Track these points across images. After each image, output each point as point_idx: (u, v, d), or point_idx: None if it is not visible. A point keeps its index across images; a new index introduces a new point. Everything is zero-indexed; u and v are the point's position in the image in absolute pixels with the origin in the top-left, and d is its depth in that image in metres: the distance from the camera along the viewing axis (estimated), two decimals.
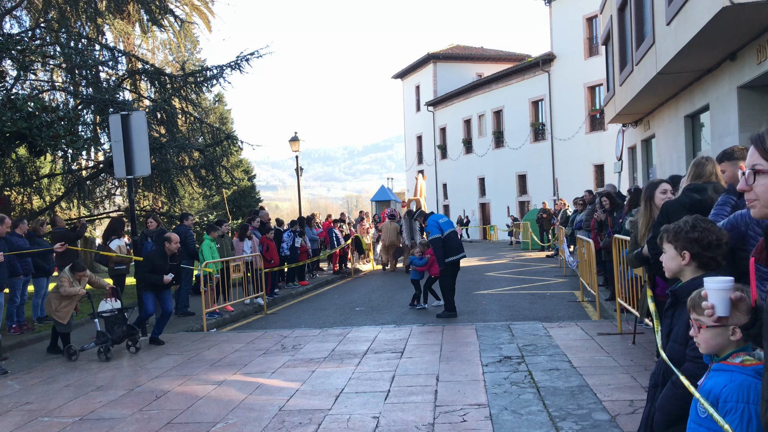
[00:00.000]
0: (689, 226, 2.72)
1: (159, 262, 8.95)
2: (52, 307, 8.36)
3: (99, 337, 8.29)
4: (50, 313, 8.42)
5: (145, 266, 9.00)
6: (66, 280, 8.34)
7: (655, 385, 2.81)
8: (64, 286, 8.29)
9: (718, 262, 2.72)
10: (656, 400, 2.72)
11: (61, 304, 8.36)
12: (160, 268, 8.92)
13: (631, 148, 20.56)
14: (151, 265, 8.93)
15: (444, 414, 5.17)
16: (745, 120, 10.49)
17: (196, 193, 27.16)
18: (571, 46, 31.89)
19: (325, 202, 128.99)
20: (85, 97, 13.85)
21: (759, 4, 7.87)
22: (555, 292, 12.72)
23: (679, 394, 2.60)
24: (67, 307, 8.41)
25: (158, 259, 8.98)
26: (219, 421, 5.33)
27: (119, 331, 8.36)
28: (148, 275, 8.89)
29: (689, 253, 2.72)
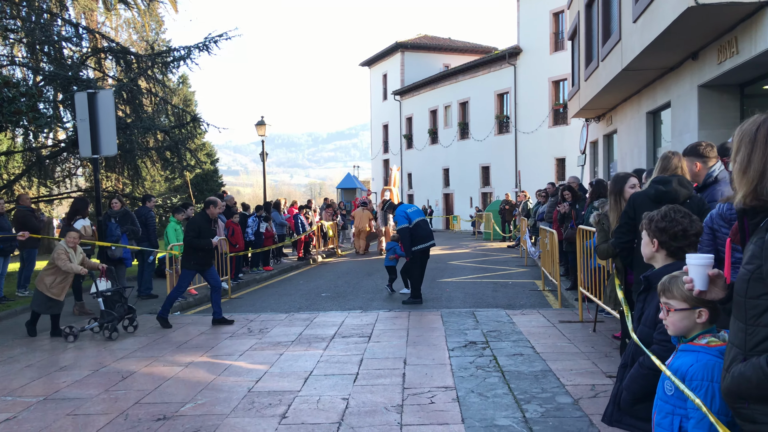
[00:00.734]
0: (660, 216, 2.86)
1: (205, 226, 8.77)
2: (45, 284, 8.01)
3: (103, 316, 8.12)
4: (43, 290, 8.02)
5: (191, 231, 8.76)
6: (63, 254, 8.04)
7: (624, 365, 2.94)
8: (62, 260, 7.97)
9: (687, 252, 2.85)
10: (624, 380, 2.85)
11: (55, 280, 8.05)
12: (207, 231, 8.77)
13: (593, 143, 20.97)
14: (197, 229, 8.72)
15: (412, 396, 5.27)
16: (705, 118, 10.83)
17: (158, 176, 26.75)
18: (537, 41, 32.27)
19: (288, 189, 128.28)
20: (48, 74, 13.49)
21: (722, 6, 8.13)
22: (517, 281, 12.97)
23: (644, 374, 2.73)
24: (62, 284, 8.14)
25: (203, 223, 8.80)
26: (188, 402, 5.33)
27: (121, 310, 8.22)
28: (195, 240, 8.69)
29: (657, 241, 2.87)
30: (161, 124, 16.14)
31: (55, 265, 8.04)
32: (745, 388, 1.90)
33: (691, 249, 2.81)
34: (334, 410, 4.98)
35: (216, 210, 9.00)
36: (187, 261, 8.89)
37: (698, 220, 2.91)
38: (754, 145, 1.95)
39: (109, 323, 8.04)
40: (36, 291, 8.16)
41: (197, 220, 8.92)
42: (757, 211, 1.94)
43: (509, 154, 34.91)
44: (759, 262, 1.88)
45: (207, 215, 8.95)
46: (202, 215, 9.03)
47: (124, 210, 10.95)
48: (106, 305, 8.18)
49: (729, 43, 9.25)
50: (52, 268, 8.09)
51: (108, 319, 8.07)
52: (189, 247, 8.82)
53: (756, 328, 1.90)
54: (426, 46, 45.17)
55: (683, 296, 2.40)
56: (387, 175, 47.67)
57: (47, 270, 8.12)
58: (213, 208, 8.96)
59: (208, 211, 8.96)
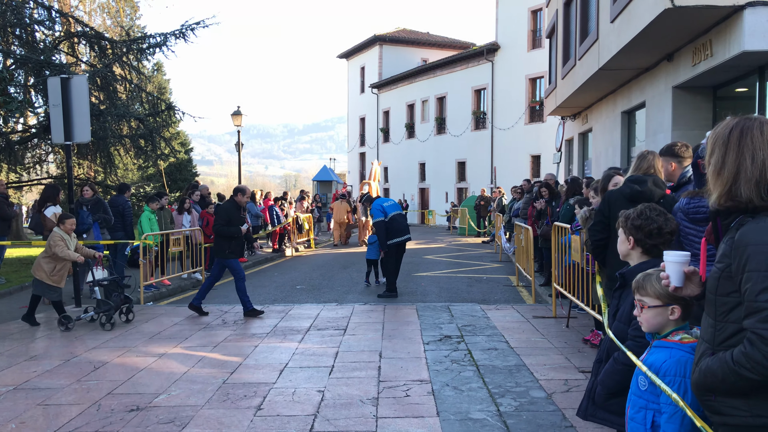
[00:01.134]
0: (636, 214, 2.92)
1: (234, 213, 8.64)
2: (45, 272, 7.84)
3: (99, 305, 7.98)
4: (42, 278, 7.86)
5: (220, 219, 8.62)
6: (60, 241, 7.86)
7: (599, 360, 2.99)
8: (60, 247, 7.80)
9: (662, 250, 2.90)
10: (599, 375, 2.90)
11: (55, 267, 7.89)
12: (236, 219, 8.64)
13: (568, 141, 21.19)
14: (226, 217, 8.59)
15: (388, 389, 5.30)
16: (678, 119, 11.02)
17: (132, 164, 26.37)
18: (515, 38, 32.44)
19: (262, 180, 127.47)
20: (19, 57, 13.19)
21: (698, 8, 8.26)
22: (491, 276, 13.07)
23: (619, 370, 2.78)
24: (62, 270, 7.98)
25: (233, 210, 8.66)
26: (162, 393, 5.29)
27: (118, 299, 8.08)
28: (225, 228, 8.54)
29: (633, 239, 2.92)
30: (135, 112, 15.90)
31: (52, 252, 7.88)
32: (711, 381, 1.96)
33: (666, 247, 2.87)
34: (310, 402, 4.98)
35: (244, 198, 8.88)
36: (220, 250, 8.68)
37: (673, 219, 2.96)
38: (727, 148, 2.01)
39: (105, 312, 7.91)
40: (35, 279, 8.01)
41: (226, 208, 8.77)
42: (730, 211, 2.00)
43: (485, 149, 35.09)
44: (729, 260, 1.94)
45: (236, 202, 8.82)
46: (230, 203, 8.86)
47: (96, 198, 10.78)
48: (104, 294, 8.03)
49: (704, 45, 9.41)
50: (49, 255, 7.92)
51: (104, 309, 7.94)
52: (220, 236, 8.67)
53: (725, 324, 1.97)
54: (404, 39, 45.13)
55: (656, 293, 2.45)
56: (363, 168, 47.70)
57: (44, 258, 7.95)
58: (241, 196, 8.83)
59: (236, 198, 8.83)
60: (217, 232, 8.69)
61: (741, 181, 1.96)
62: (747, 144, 1.98)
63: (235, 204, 8.82)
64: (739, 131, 2.01)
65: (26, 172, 17.30)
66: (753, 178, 1.94)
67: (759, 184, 1.93)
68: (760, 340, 1.80)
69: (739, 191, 1.96)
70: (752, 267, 1.86)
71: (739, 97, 10.66)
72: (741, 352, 1.86)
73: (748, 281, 1.86)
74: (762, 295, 1.82)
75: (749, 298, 1.85)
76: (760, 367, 1.81)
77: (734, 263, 1.92)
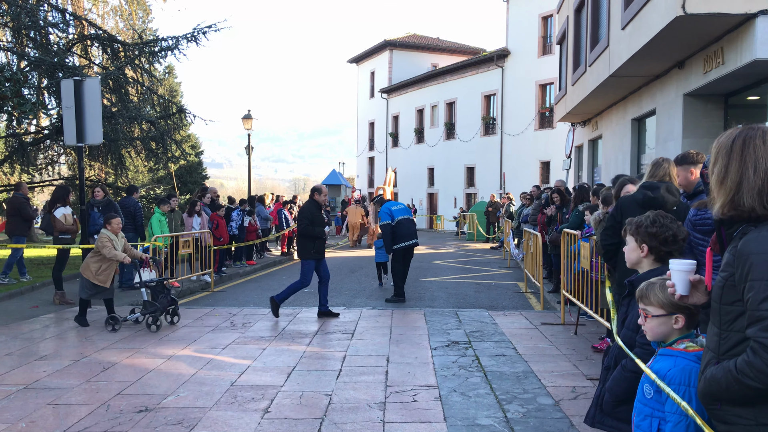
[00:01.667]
0: (649, 221, 2.91)
1: (317, 213, 8.67)
2: (92, 271, 7.93)
3: (146, 306, 8.03)
4: (89, 278, 7.95)
5: (304, 219, 8.65)
6: (107, 241, 7.95)
7: (607, 367, 2.99)
8: (107, 248, 7.88)
9: (674, 257, 2.90)
10: (607, 382, 2.90)
11: (101, 267, 7.98)
12: (320, 219, 8.68)
13: (578, 147, 21.15)
14: (310, 217, 8.62)
15: (395, 394, 5.31)
16: (689, 126, 10.98)
17: (142, 166, 26.53)
18: (525, 44, 32.43)
19: (272, 183, 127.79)
20: (33, 59, 13.32)
21: (710, 16, 8.25)
22: (499, 282, 13.05)
23: (627, 377, 2.79)
24: (108, 270, 8.05)
25: (315, 210, 8.69)
26: (170, 394, 5.32)
27: (164, 301, 8.11)
28: (310, 228, 8.57)
29: (647, 246, 2.92)
30: (147, 114, 16.02)
31: (100, 252, 7.96)
32: (716, 390, 1.97)
33: (678, 254, 2.87)
34: (317, 406, 5.00)
35: (321, 197, 8.88)
36: (305, 251, 8.71)
37: (683, 226, 2.97)
38: (730, 157, 2.03)
39: (152, 314, 7.96)
40: (82, 278, 8.08)
41: (309, 208, 8.77)
42: (733, 220, 2.01)
43: (494, 155, 35.06)
44: (732, 270, 1.95)
45: (316, 202, 8.83)
46: (311, 202, 8.87)
47: (107, 199, 10.88)
48: (150, 295, 8.07)
49: (715, 53, 9.38)
50: (97, 255, 8.00)
51: (151, 310, 7.98)
52: (304, 237, 8.69)
53: (729, 333, 1.98)
54: (414, 45, 45.21)
55: (660, 302, 2.45)
56: (372, 172, 47.78)
57: (92, 257, 8.03)
58: (318, 195, 8.85)
59: (315, 198, 8.85)
60: (302, 233, 8.69)
61: (744, 191, 1.97)
62: (750, 153, 1.99)
63: (316, 203, 8.83)
64: (741, 141, 2.02)
65: (38, 173, 17.45)
66: (755, 187, 1.95)
67: (761, 193, 1.94)
68: (763, 349, 1.81)
69: (742, 200, 1.97)
70: (755, 276, 1.86)
71: (750, 105, 10.62)
72: (744, 360, 1.87)
73: (750, 290, 1.87)
74: (764, 303, 1.82)
75: (752, 306, 1.86)
76: (762, 375, 1.82)
77: (737, 272, 1.93)
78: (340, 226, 30.08)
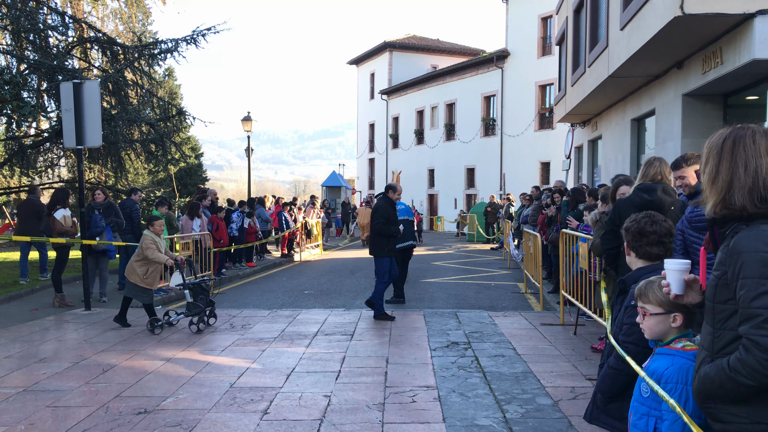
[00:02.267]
0: (633, 221, 2.96)
1: (391, 212, 8.70)
2: (138, 274, 7.95)
3: (190, 308, 8.03)
4: (135, 281, 7.97)
5: (379, 218, 8.67)
6: (152, 243, 7.97)
7: (602, 365, 3.01)
8: (152, 250, 7.90)
9: (658, 256, 2.92)
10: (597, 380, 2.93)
11: (148, 270, 8.01)
12: (393, 218, 8.71)
13: (577, 148, 21.15)
14: (385, 216, 8.65)
15: (394, 395, 5.31)
16: (688, 126, 10.98)
17: (142, 168, 26.55)
18: (525, 45, 32.45)
19: (272, 185, 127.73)
20: (32, 62, 13.33)
21: (709, 16, 8.25)
22: (499, 283, 13.05)
23: (611, 374, 2.85)
24: (154, 273, 8.08)
25: (389, 209, 8.72)
26: (169, 396, 5.32)
27: (205, 302, 8.11)
28: (386, 227, 8.61)
29: (626, 244, 2.98)
30: (146, 117, 16.00)
31: (144, 255, 7.98)
32: (710, 388, 1.98)
33: (654, 249, 2.90)
34: (316, 407, 5.00)
35: (396, 195, 8.91)
36: (379, 249, 8.75)
37: (665, 223, 2.96)
38: (720, 157, 2.05)
39: (197, 315, 7.97)
40: (127, 281, 8.12)
41: (383, 206, 8.80)
42: (726, 219, 2.02)
43: (495, 156, 35.07)
44: (725, 268, 1.97)
45: (389, 200, 8.86)
46: (385, 200, 8.89)
47: (108, 202, 10.88)
48: (193, 297, 8.09)
49: (714, 53, 9.39)
50: (142, 258, 8.02)
51: (196, 311, 7.99)
52: (378, 235, 8.72)
53: (722, 332, 1.99)
54: (414, 46, 45.25)
55: (658, 301, 2.46)
56: (372, 174, 47.79)
57: (137, 261, 8.05)
58: (392, 193, 8.88)
59: (389, 195, 8.87)
60: (378, 232, 8.72)
61: (735, 190, 1.99)
62: (740, 153, 2.01)
63: (390, 201, 8.87)
64: (732, 141, 2.04)
65: (38, 176, 17.46)
66: (746, 186, 1.97)
67: (752, 191, 1.96)
68: (755, 347, 1.82)
69: (734, 199, 1.98)
70: (746, 274, 1.88)
71: (749, 105, 10.61)
72: (737, 358, 1.87)
73: (742, 288, 1.88)
74: (756, 301, 1.83)
75: (744, 304, 1.87)
76: (755, 373, 1.82)
77: (729, 271, 1.94)
78: (340, 228, 30.08)
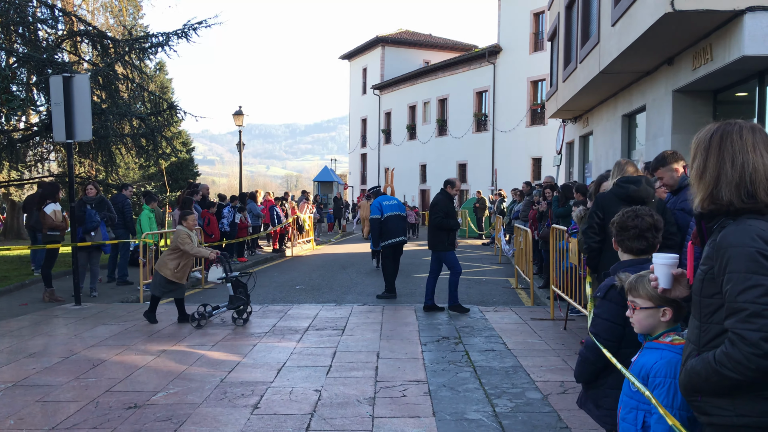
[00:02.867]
0: (619, 215, 2.99)
1: (450, 206, 8.76)
2: (170, 268, 7.93)
3: (232, 301, 8.01)
4: (166, 275, 7.93)
5: (440, 212, 8.70)
6: (187, 237, 7.94)
7: None
8: (189, 244, 7.88)
9: (641, 250, 2.95)
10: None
11: (179, 264, 7.98)
12: (452, 212, 8.76)
13: (569, 143, 21.21)
14: (445, 209, 8.69)
15: (385, 389, 5.32)
16: (678, 122, 11.03)
17: (133, 163, 26.43)
18: (517, 40, 32.46)
19: (264, 180, 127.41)
20: (22, 56, 13.23)
21: (699, 12, 8.28)
22: (490, 278, 13.09)
23: (579, 360, 2.97)
24: (186, 267, 8.07)
25: (448, 203, 8.77)
26: (160, 391, 5.32)
27: (245, 295, 8.10)
28: (445, 220, 8.64)
29: (614, 238, 3.01)
30: (137, 111, 15.93)
31: (176, 249, 7.96)
32: (696, 381, 2.00)
33: (637, 243, 2.94)
34: (307, 401, 5.01)
35: (454, 190, 8.95)
36: (440, 243, 8.78)
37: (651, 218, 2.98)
38: (708, 152, 2.07)
39: (239, 308, 7.98)
40: (156, 275, 8.06)
41: (442, 200, 8.85)
42: (713, 214, 2.04)
43: (486, 152, 35.11)
44: (712, 263, 1.98)
45: (448, 194, 8.89)
46: (444, 194, 8.94)
47: (100, 197, 10.85)
48: (235, 291, 8.09)
49: (704, 49, 9.43)
50: (174, 252, 8.00)
51: (238, 305, 8.00)
52: (438, 229, 8.75)
53: (709, 326, 2.01)
54: (406, 41, 45.19)
55: (648, 295, 2.48)
56: (364, 169, 47.80)
57: (169, 255, 8.02)
58: (450, 188, 8.91)
59: (449, 190, 8.91)
60: (438, 225, 8.75)
61: (722, 184, 2.00)
62: (727, 148, 2.03)
63: (448, 196, 8.91)
64: (719, 136, 2.06)
65: (28, 170, 17.36)
66: (733, 181, 1.99)
67: (739, 186, 1.98)
68: (741, 340, 1.84)
69: (721, 194, 2.00)
70: (733, 268, 1.89)
71: (739, 102, 10.67)
72: (723, 352, 1.89)
73: (728, 282, 1.90)
74: (742, 295, 1.85)
75: (730, 298, 1.89)
76: (741, 366, 1.84)
77: (716, 265, 1.96)
78: (332, 223, 30.08)
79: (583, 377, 2.97)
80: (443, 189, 9.02)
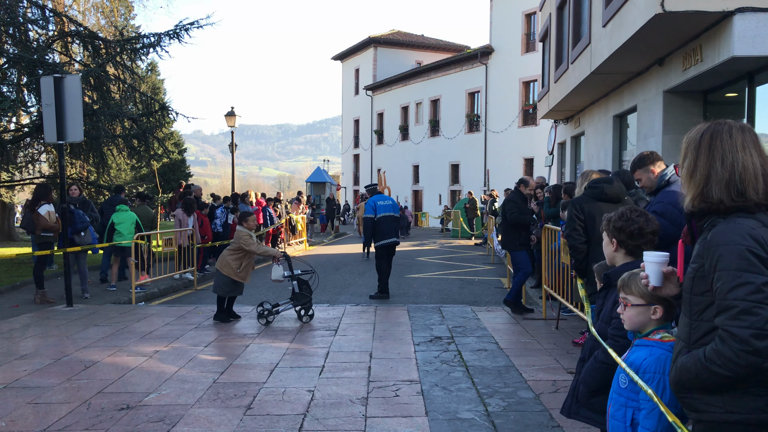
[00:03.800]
0: (617, 216, 2.98)
1: (523, 204, 8.76)
2: (233, 268, 8.02)
3: (298, 298, 8.13)
4: (229, 274, 8.02)
5: (513, 210, 8.68)
6: (248, 237, 8.06)
7: (582, 359, 3.03)
8: (253, 245, 8.04)
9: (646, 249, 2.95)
10: (581, 374, 2.95)
11: (242, 264, 8.08)
12: (525, 208, 8.77)
13: (561, 144, 21.28)
14: (518, 207, 8.68)
15: (377, 389, 5.33)
16: (669, 122, 11.09)
17: (125, 164, 26.33)
18: (509, 41, 32.57)
19: (256, 181, 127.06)
20: (12, 56, 13.16)
21: (689, 13, 8.33)
22: (483, 278, 13.12)
23: (597, 367, 2.85)
24: (248, 266, 8.19)
25: (521, 201, 8.76)
26: (152, 392, 5.31)
27: (309, 292, 8.20)
28: (521, 216, 8.63)
29: (616, 241, 2.98)
30: (129, 112, 15.86)
31: (239, 249, 8.06)
32: (686, 378, 2.03)
33: (648, 247, 2.91)
34: (300, 402, 5.01)
35: (527, 189, 8.96)
36: (511, 242, 8.79)
37: (654, 219, 3.00)
38: (698, 152, 2.10)
39: (305, 305, 8.10)
40: (218, 275, 8.15)
41: (515, 199, 8.87)
42: (703, 212, 2.07)
43: (479, 152, 35.20)
44: (702, 261, 2.01)
45: (521, 194, 8.90)
46: (517, 194, 8.94)
47: (82, 197, 10.86)
48: (300, 288, 8.15)
49: (694, 50, 9.49)
50: (237, 252, 8.10)
51: (303, 301, 8.10)
52: (511, 227, 8.75)
53: (699, 323, 2.04)
54: (399, 42, 45.25)
55: (641, 292, 2.50)
56: (357, 170, 47.80)
57: (232, 255, 8.12)
58: (524, 187, 8.91)
59: (520, 189, 8.91)
60: (514, 222, 8.74)
61: (712, 183, 2.03)
62: (717, 147, 2.06)
63: (521, 195, 8.93)
64: (709, 135, 2.09)
65: (18, 172, 17.25)
66: (723, 180, 2.01)
67: (729, 185, 2.00)
68: (731, 337, 1.86)
69: (711, 193, 2.03)
70: (723, 266, 1.92)
71: (728, 102, 10.74)
72: (712, 348, 1.92)
73: (719, 280, 1.92)
74: (732, 293, 1.88)
75: (720, 296, 1.91)
76: (730, 363, 1.87)
77: (707, 263, 1.98)
78: (325, 224, 30.07)
79: (600, 384, 2.83)
80: (516, 188, 9.05)
